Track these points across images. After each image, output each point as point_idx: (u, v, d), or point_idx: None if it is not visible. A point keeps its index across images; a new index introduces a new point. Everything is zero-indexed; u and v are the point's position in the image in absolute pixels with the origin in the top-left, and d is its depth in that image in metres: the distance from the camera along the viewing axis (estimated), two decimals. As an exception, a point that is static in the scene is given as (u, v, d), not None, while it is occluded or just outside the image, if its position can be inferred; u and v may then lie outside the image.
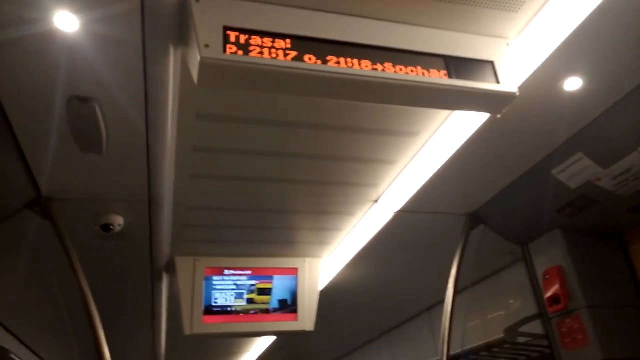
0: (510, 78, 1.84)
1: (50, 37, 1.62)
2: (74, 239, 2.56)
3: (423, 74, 1.74)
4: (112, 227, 2.71)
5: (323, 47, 1.68)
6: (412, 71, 1.73)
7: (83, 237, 2.81)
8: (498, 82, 1.81)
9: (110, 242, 2.97)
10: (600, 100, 2.13)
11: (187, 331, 3.38)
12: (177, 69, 1.85)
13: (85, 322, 2.50)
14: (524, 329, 3.07)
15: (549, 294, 2.81)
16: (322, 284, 3.77)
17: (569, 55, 1.84)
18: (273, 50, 1.62)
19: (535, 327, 3.04)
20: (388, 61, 1.73)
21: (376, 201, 2.99)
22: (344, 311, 4.64)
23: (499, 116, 1.97)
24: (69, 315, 3.61)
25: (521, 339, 3.12)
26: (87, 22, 1.58)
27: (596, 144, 2.33)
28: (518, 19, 1.82)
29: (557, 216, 2.78)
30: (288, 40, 1.65)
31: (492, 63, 1.83)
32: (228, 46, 1.57)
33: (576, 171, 2.47)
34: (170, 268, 3.48)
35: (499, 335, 3.19)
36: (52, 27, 1.58)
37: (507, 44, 1.89)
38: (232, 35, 1.59)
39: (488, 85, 1.79)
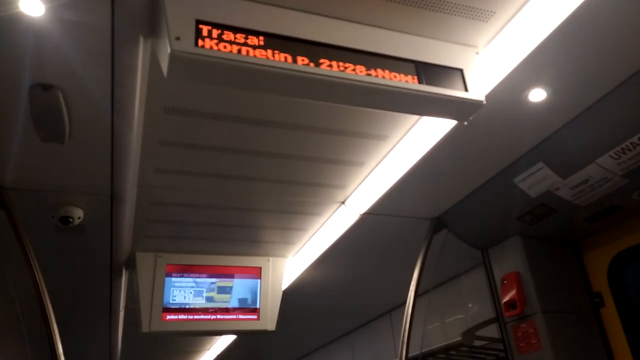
0: (478, 86, 1.87)
1: (15, 22, 1.56)
2: (30, 230, 2.48)
3: (394, 78, 1.76)
4: (71, 220, 2.64)
5: (295, 46, 1.68)
6: (383, 75, 1.75)
7: (40, 229, 2.72)
8: (466, 89, 1.85)
9: (69, 235, 2.88)
10: (561, 112, 2.20)
11: (145, 329, 3.32)
12: (146, 59, 1.81)
13: (39, 318, 2.42)
14: (480, 332, 3.14)
15: (506, 298, 2.88)
16: (285, 284, 3.76)
17: (534, 67, 1.90)
18: (245, 47, 1.61)
19: (492, 331, 3.12)
20: (360, 63, 1.73)
21: (343, 202, 3.00)
22: (306, 311, 4.64)
23: (465, 123, 2.01)
24: (22, 311, 3.48)
25: (478, 343, 3.19)
26: (54, 6, 1.53)
27: (556, 154, 2.40)
28: (488, 28, 1.86)
29: (517, 223, 2.86)
30: (261, 37, 1.64)
31: (461, 71, 1.87)
32: (200, 40, 1.55)
33: (536, 180, 2.54)
34: (130, 264, 3.41)
35: (457, 338, 3.25)
36: (17, 11, 1.53)
37: (477, 53, 1.93)
38: (205, 29, 1.57)
39: (456, 93, 1.83)
